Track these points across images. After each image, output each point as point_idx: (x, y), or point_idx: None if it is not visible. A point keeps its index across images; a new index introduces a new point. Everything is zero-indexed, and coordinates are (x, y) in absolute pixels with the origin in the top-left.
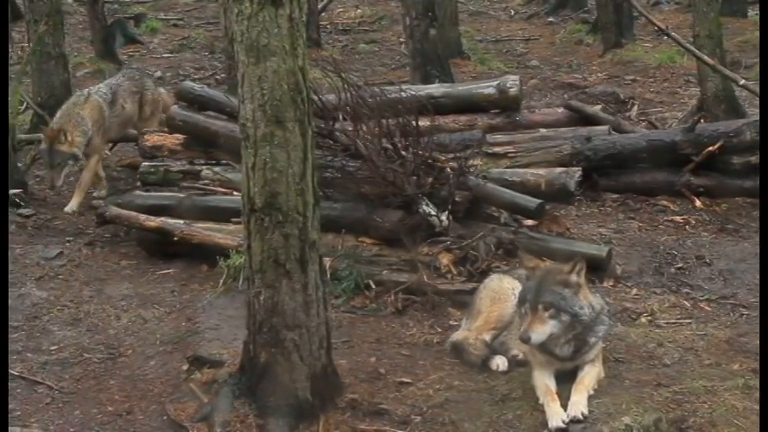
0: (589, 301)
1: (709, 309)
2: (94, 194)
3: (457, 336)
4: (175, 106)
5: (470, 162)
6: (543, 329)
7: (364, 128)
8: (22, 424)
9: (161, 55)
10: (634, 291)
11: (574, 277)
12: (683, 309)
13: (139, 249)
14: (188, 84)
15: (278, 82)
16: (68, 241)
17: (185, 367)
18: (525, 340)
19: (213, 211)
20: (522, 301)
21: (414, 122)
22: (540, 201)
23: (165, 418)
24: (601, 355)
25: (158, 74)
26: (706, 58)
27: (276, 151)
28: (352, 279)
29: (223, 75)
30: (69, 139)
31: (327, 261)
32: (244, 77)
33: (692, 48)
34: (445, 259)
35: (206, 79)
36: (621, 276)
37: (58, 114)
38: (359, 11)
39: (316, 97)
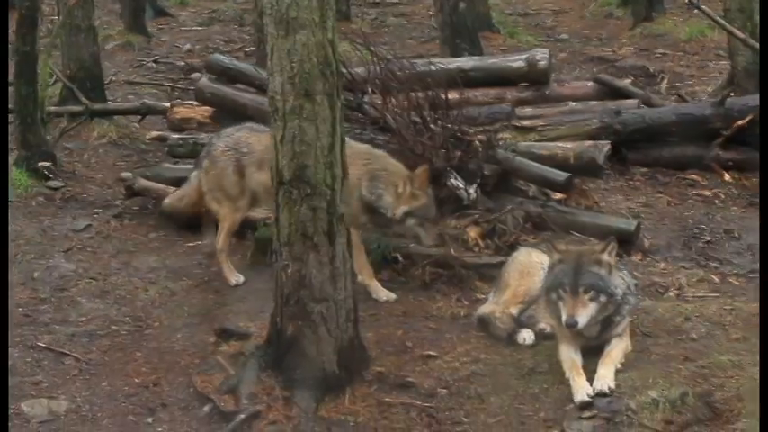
0: (619, 279)
1: (737, 283)
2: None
3: (484, 309)
4: (204, 78)
5: (499, 135)
6: (586, 312)
7: (393, 101)
8: (50, 396)
9: (190, 28)
10: (662, 265)
11: (606, 257)
12: (711, 283)
13: (167, 222)
14: (217, 56)
15: (307, 55)
16: (96, 214)
17: (212, 339)
18: (572, 325)
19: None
20: (556, 285)
21: (443, 96)
22: (568, 174)
23: (191, 389)
24: (628, 330)
25: (188, 46)
26: (737, 31)
27: (305, 124)
28: (380, 252)
29: (252, 47)
30: None
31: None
32: (273, 50)
33: (723, 21)
34: (473, 232)
35: (235, 52)
36: (650, 250)
37: None
38: None
39: (345, 70)
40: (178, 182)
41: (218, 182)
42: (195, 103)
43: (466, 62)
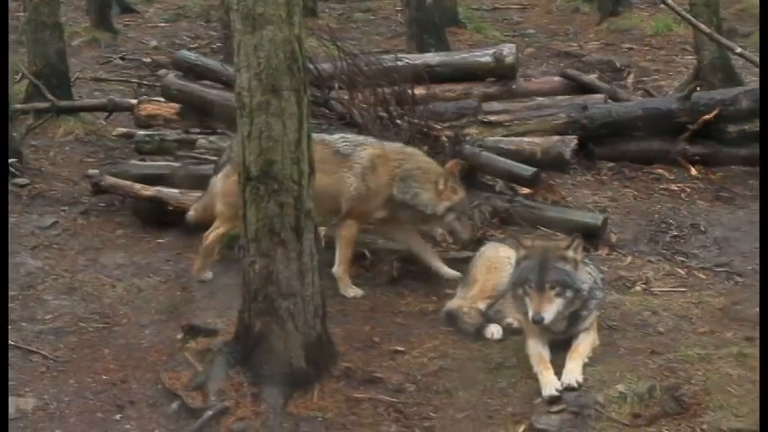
0: (586, 274)
1: (703, 277)
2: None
3: (452, 304)
4: (171, 74)
5: (466, 131)
6: (552, 308)
7: (360, 96)
8: (17, 393)
9: (157, 24)
10: (629, 259)
11: (571, 253)
12: (678, 277)
13: (134, 219)
14: (184, 53)
15: (274, 51)
16: (63, 211)
17: (180, 336)
18: (539, 321)
19: (209, 180)
20: (522, 281)
21: (409, 91)
22: (535, 169)
23: (159, 386)
24: (595, 324)
25: (154, 43)
26: (702, 26)
27: (272, 120)
28: None
29: (219, 44)
30: None
31: (322, 230)
32: (240, 46)
33: (689, 16)
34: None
35: (202, 48)
36: (616, 244)
37: None
38: None
39: (311, 66)
40: (145, 179)
41: (237, 187)
42: (162, 99)
43: (433, 57)
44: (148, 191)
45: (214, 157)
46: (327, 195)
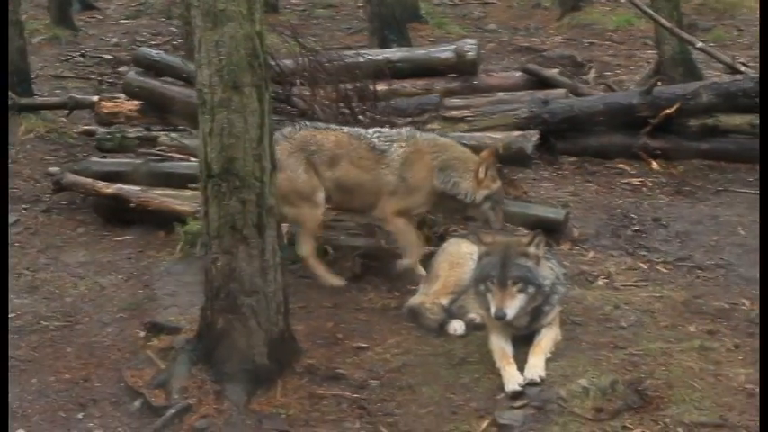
0: (548, 270)
1: (665, 271)
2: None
3: (414, 300)
4: (132, 72)
5: (428, 126)
6: (515, 304)
7: (321, 93)
8: None
9: (117, 21)
10: (591, 253)
11: (533, 249)
12: (640, 271)
13: (96, 216)
14: (145, 49)
15: (235, 47)
16: (25, 209)
17: (142, 334)
18: (501, 317)
19: (170, 178)
20: (484, 277)
21: (371, 87)
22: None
23: (122, 384)
24: (558, 319)
25: (115, 40)
26: (663, 20)
27: (233, 117)
28: None
29: (180, 40)
30: None
31: (284, 226)
32: (201, 43)
33: (650, 10)
34: None
35: (163, 45)
36: (578, 239)
37: None
38: None
39: (273, 62)
40: (106, 176)
41: (290, 184)
42: (123, 96)
43: (394, 53)
44: (110, 188)
45: (176, 154)
46: (365, 191)
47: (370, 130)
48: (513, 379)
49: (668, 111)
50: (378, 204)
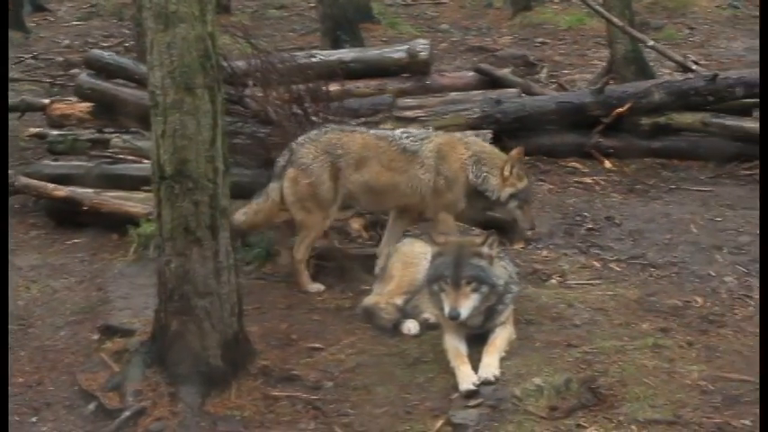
0: (501, 269)
1: (618, 269)
2: None
3: (368, 300)
4: (83, 74)
5: (381, 126)
6: (468, 303)
7: (274, 94)
8: None
9: (69, 23)
10: (544, 252)
11: (486, 249)
12: (593, 269)
13: (48, 219)
14: (97, 51)
15: (187, 48)
16: None
17: (96, 337)
18: (455, 317)
19: (123, 180)
20: (437, 277)
21: (324, 88)
22: None
23: (76, 388)
24: (511, 318)
25: (66, 42)
26: (615, 19)
27: (186, 118)
28: (263, 245)
29: (132, 42)
30: None
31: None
32: (152, 44)
33: (601, 9)
34: (356, 224)
35: (115, 47)
36: (532, 238)
37: None
38: None
39: (225, 63)
40: (58, 179)
41: (312, 190)
42: (75, 99)
43: (347, 54)
44: (62, 191)
45: (129, 157)
46: (400, 192)
47: (397, 131)
48: (467, 378)
49: (620, 109)
50: (421, 205)
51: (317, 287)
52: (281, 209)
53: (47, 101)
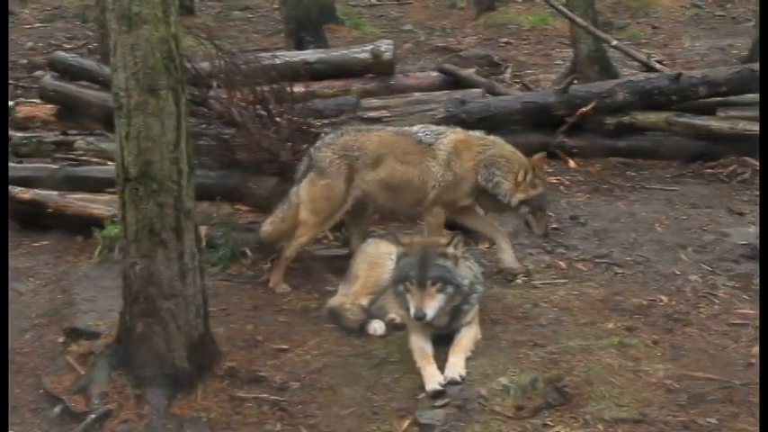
0: (466, 269)
1: (584, 268)
2: None
3: (334, 301)
4: (48, 76)
5: (345, 127)
6: (434, 304)
7: (238, 95)
8: None
9: (32, 25)
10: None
11: (451, 249)
12: (559, 269)
13: (12, 222)
14: (60, 53)
15: (150, 50)
16: None
17: (61, 339)
18: (421, 317)
19: (87, 182)
20: (403, 278)
21: (288, 89)
22: None
23: (41, 391)
24: (477, 318)
25: (30, 44)
26: (578, 19)
27: (150, 120)
28: (228, 247)
29: (96, 44)
30: None
31: (203, 229)
32: (116, 46)
33: (565, 9)
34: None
35: (78, 49)
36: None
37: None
38: None
39: (189, 65)
40: (22, 181)
41: (326, 192)
42: (39, 101)
43: (311, 55)
44: (27, 194)
45: (93, 159)
46: (413, 187)
47: (416, 127)
48: (433, 378)
49: (584, 109)
50: (427, 198)
51: (283, 288)
52: None
53: (11, 103)
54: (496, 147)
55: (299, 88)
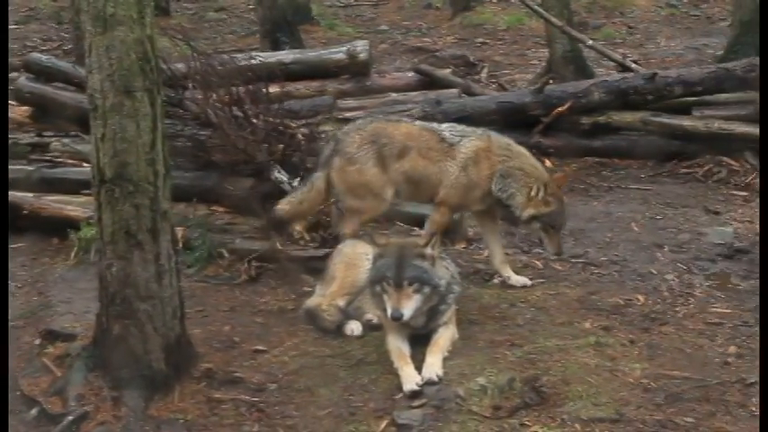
0: (443, 270)
1: (560, 268)
2: None
3: (311, 302)
4: (23, 77)
5: (321, 128)
6: (411, 304)
7: (214, 96)
8: None
9: None
10: (486, 252)
11: (429, 250)
12: (535, 269)
13: None
14: (35, 55)
15: (126, 51)
16: None
17: (38, 341)
18: (398, 318)
19: (63, 183)
20: (379, 278)
21: (264, 89)
22: None
23: (17, 393)
24: (454, 318)
25: None
26: (554, 19)
27: (125, 121)
28: (205, 248)
29: (71, 45)
30: None
31: (179, 231)
32: (91, 47)
33: (540, 9)
34: (298, 226)
35: (53, 50)
36: (473, 238)
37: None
38: None
39: (165, 66)
40: None
41: (360, 178)
42: (14, 102)
43: (286, 55)
44: None
45: (69, 160)
46: (431, 183)
47: (444, 125)
48: (410, 379)
49: (560, 109)
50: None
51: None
52: (324, 198)
53: None
54: (518, 158)
55: (274, 89)
